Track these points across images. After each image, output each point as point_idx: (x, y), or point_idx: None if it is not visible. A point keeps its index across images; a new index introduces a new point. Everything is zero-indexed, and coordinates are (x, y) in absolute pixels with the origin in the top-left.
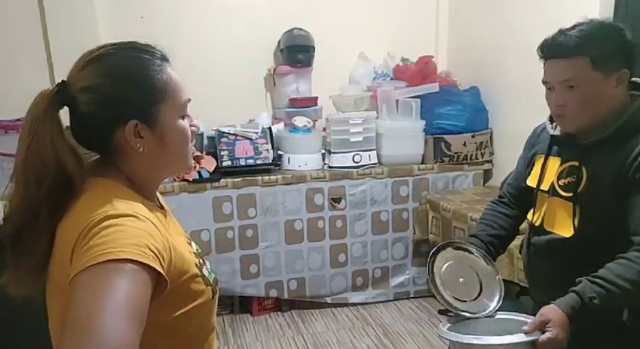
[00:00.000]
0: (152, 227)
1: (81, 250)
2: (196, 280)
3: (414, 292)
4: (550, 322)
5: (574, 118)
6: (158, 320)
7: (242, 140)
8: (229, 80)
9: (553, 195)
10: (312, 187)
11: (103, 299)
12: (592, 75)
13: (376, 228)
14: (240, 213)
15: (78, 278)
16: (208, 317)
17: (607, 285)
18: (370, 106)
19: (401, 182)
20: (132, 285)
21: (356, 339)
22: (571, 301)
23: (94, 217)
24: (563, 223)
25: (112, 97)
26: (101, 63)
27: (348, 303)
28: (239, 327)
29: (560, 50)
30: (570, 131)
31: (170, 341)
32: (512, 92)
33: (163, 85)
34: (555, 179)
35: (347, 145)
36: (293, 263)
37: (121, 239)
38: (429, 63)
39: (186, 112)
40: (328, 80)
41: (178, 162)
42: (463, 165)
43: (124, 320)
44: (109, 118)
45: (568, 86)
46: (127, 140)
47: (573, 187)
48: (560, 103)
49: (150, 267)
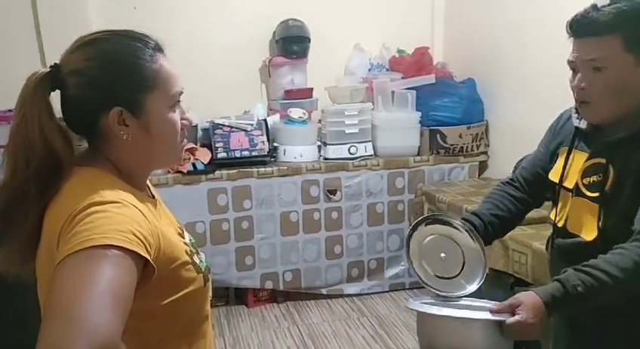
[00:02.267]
0: (138, 214)
1: (66, 237)
2: (187, 268)
3: (410, 283)
4: (521, 305)
5: (598, 106)
6: (149, 308)
7: (237, 131)
8: (223, 71)
9: (577, 194)
10: (308, 179)
11: (85, 285)
12: (623, 58)
13: (371, 220)
14: (235, 205)
15: (61, 264)
16: (201, 305)
17: (594, 272)
18: (365, 98)
19: (396, 174)
20: (116, 270)
21: (351, 330)
22: (551, 289)
23: (80, 204)
24: (587, 225)
25: (98, 81)
26: (92, 47)
27: (343, 294)
28: (235, 318)
29: (590, 27)
30: (594, 121)
31: (162, 328)
32: (508, 84)
33: (153, 74)
34: (579, 177)
35: (343, 137)
36: (288, 254)
37: (105, 225)
38: (425, 54)
39: (177, 105)
40: (324, 71)
41: (165, 154)
42: (459, 157)
43: (107, 306)
44: (95, 102)
45: (594, 67)
46: (111, 126)
47: (599, 187)
48: (583, 84)
49: (135, 253)
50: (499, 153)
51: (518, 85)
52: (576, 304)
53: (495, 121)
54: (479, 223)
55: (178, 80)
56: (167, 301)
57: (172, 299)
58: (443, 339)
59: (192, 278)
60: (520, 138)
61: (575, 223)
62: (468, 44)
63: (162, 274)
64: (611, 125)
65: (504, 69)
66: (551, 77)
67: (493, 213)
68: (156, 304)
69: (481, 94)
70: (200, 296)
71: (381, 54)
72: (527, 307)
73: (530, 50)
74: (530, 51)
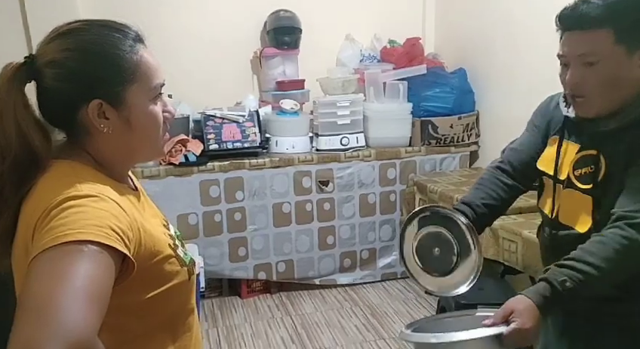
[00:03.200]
0: (116, 208)
1: (41, 232)
2: (170, 261)
3: (401, 273)
4: (515, 312)
5: (593, 101)
6: (132, 302)
7: (229, 123)
8: (215, 63)
9: (568, 186)
10: (300, 170)
11: (60, 281)
12: (615, 50)
13: (363, 210)
14: (228, 196)
15: (35, 260)
16: (186, 299)
17: (579, 265)
18: (357, 89)
19: (388, 164)
20: (92, 266)
21: (344, 320)
22: (540, 289)
23: (55, 199)
24: (580, 217)
25: (77, 73)
26: (69, 38)
27: (336, 284)
28: (228, 309)
29: (580, 21)
30: (589, 116)
31: (146, 322)
32: (499, 74)
33: (133, 66)
34: (570, 169)
35: (335, 128)
36: (281, 245)
37: (81, 220)
38: (416, 45)
39: (159, 97)
40: (315, 62)
41: (146, 147)
42: (450, 147)
43: (82, 304)
44: (73, 95)
45: (586, 62)
46: (91, 119)
47: (591, 179)
48: (576, 79)
49: (113, 248)
50: (489, 143)
51: (509, 75)
52: (568, 299)
53: (486, 112)
54: (471, 213)
55: (159, 72)
56: (150, 295)
57: (155, 293)
58: None
59: (176, 271)
60: (510, 128)
61: (567, 215)
62: (459, 34)
63: (144, 268)
64: (603, 117)
65: (495, 60)
66: (542, 67)
67: (485, 202)
68: (140, 298)
69: (472, 85)
70: (184, 290)
71: (372, 44)
72: (521, 312)
73: (521, 41)
74: (521, 42)
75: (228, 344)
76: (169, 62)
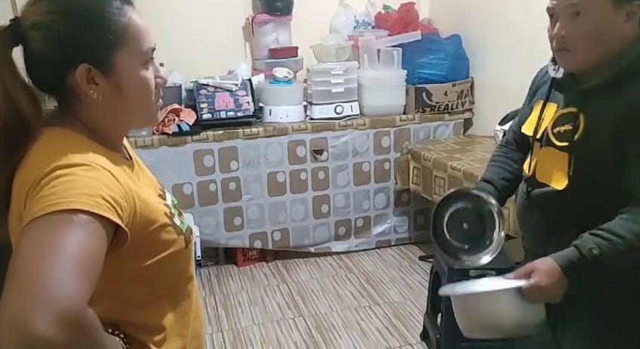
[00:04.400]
0: (108, 176)
1: (32, 201)
2: (166, 230)
3: (395, 240)
4: (535, 271)
5: (578, 52)
6: (130, 270)
7: (222, 92)
8: (206, 30)
9: (547, 144)
10: (294, 139)
11: (49, 251)
12: (602, 3)
13: (358, 179)
14: (222, 166)
15: (26, 229)
16: (184, 267)
17: (609, 235)
18: (351, 56)
19: (382, 133)
20: (83, 235)
21: (339, 286)
22: (568, 254)
23: (46, 168)
24: (556, 174)
25: (62, 36)
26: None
27: (331, 252)
28: (225, 277)
29: None
30: (573, 68)
31: (144, 290)
32: (494, 40)
33: (121, 29)
34: (550, 127)
35: (329, 96)
36: (276, 214)
37: (72, 189)
38: (411, 10)
39: (150, 62)
40: (308, 29)
41: (139, 113)
42: (444, 115)
43: (72, 273)
44: (60, 59)
45: (574, 12)
46: (79, 84)
47: (569, 136)
48: (563, 32)
49: (105, 217)
50: (483, 110)
51: (504, 42)
52: (593, 267)
53: (480, 79)
54: (493, 190)
55: (149, 35)
56: (148, 263)
57: (153, 261)
58: (476, 317)
59: (173, 240)
60: (505, 95)
61: (544, 173)
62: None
63: (141, 236)
64: (586, 73)
65: (490, 25)
66: (537, 34)
67: (503, 177)
68: (137, 266)
69: (467, 51)
70: (182, 258)
71: (367, 10)
72: (541, 271)
73: (516, 6)
74: (516, 7)
75: (225, 311)
76: (159, 30)
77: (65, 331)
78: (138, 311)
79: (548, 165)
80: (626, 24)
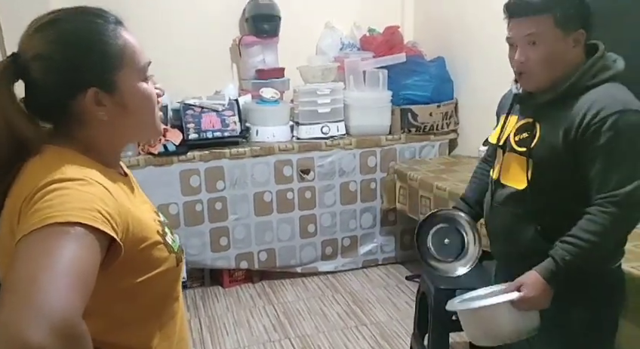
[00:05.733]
0: (104, 191)
1: (27, 214)
2: (158, 247)
3: (382, 259)
4: (523, 285)
5: (535, 75)
6: (118, 288)
7: (209, 112)
8: (193, 51)
9: (510, 150)
10: (281, 159)
11: (45, 263)
12: (554, 33)
13: (344, 198)
14: (208, 186)
15: (21, 242)
16: (173, 286)
17: (574, 240)
18: (337, 77)
19: (369, 152)
20: (77, 248)
21: (326, 307)
22: (547, 264)
23: (41, 181)
24: (517, 176)
25: (67, 63)
26: (52, 29)
27: (317, 272)
28: (210, 299)
29: (526, 8)
30: (531, 89)
31: (131, 309)
32: (477, 62)
33: (120, 50)
34: (512, 135)
35: (315, 116)
36: (263, 234)
37: (67, 203)
38: (396, 33)
39: (148, 76)
40: (295, 51)
41: (145, 127)
42: (430, 135)
43: (67, 285)
44: (65, 86)
45: (531, 42)
46: (89, 108)
47: (527, 142)
48: (522, 58)
49: (100, 231)
50: (468, 131)
51: (487, 64)
52: (569, 270)
53: (464, 100)
54: (465, 206)
55: (143, 52)
56: (138, 281)
57: (143, 278)
58: (479, 327)
59: (164, 258)
60: (488, 116)
61: (507, 176)
62: (437, 22)
63: (132, 253)
64: (541, 91)
65: (473, 48)
66: None
67: (480, 191)
68: (127, 283)
69: (451, 73)
70: (172, 276)
71: (352, 33)
72: (527, 285)
73: (498, 29)
74: (498, 30)
75: (210, 333)
76: (147, 50)
77: (59, 341)
78: (123, 332)
79: (510, 168)
80: (573, 49)
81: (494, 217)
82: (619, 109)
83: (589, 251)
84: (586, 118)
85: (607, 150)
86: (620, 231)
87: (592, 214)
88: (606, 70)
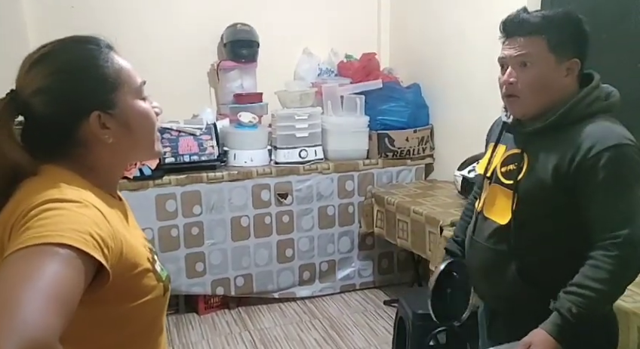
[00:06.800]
0: (99, 215)
1: (19, 231)
2: (148, 275)
3: (360, 284)
4: (532, 345)
5: (522, 99)
6: (104, 315)
7: (186, 136)
8: (171, 76)
9: (495, 182)
10: (259, 183)
11: (27, 280)
12: (546, 57)
13: (322, 222)
14: (185, 211)
15: (9, 257)
16: (159, 315)
17: (581, 290)
18: (315, 102)
19: (346, 177)
20: (62, 268)
21: (303, 333)
22: (553, 319)
23: (37, 200)
24: (501, 210)
25: (67, 93)
26: (47, 62)
27: (295, 297)
28: (185, 326)
29: (520, 28)
30: (519, 115)
31: (115, 336)
32: (452, 89)
33: (115, 72)
34: (498, 166)
35: (293, 141)
36: (239, 259)
37: (61, 224)
38: (372, 59)
39: (144, 95)
40: (273, 76)
41: (147, 147)
42: (406, 160)
43: (46, 305)
44: (68, 114)
45: (522, 63)
46: (94, 132)
47: (514, 175)
48: (511, 79)
49: (89, 255)
50: (444, 156)
51: (462, 90)
52: (577, 322)
53: (440, 125)
54: (460, 251)
55: (137, 72)
56: (124, 308)
57: (130, 306)
58: None
59: (152, 286)
60: (464, 141)
61: (490, 208)
62: (413, 50)
63: (122, 280)
64: (530, 119)
65: (448, 75)
66: (489, 82)
67: None
68: (113, 311)
69: (427, 99)
70: (158, 305)
71: (329, 58)
72: (536, 344)
73: (472, 57)
74: (473, 57)
75: None
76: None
77: None
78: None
79: (496, 201)
80: (565, 78)
81: (474, 254)
82: (614, 144)
83: (596, 300)
84: (580, 153)
85: (605, 188)
86: (628, 275)
87: (595, 259)
88: (600, 101)
